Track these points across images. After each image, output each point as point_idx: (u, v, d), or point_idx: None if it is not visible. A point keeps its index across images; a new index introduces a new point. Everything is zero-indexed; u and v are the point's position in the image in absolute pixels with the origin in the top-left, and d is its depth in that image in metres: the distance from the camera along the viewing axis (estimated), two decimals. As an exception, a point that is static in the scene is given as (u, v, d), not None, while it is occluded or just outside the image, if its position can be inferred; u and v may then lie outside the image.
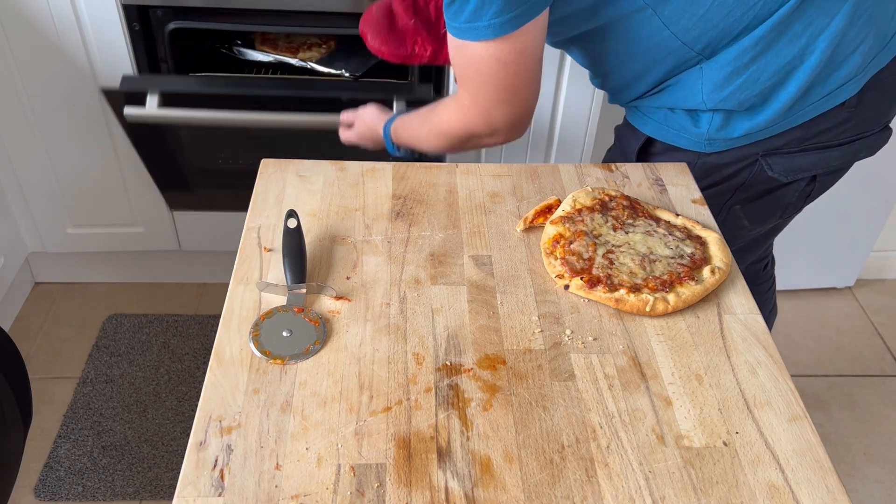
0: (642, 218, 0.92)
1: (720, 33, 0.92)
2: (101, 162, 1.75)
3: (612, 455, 0.68)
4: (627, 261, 0.86)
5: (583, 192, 0.94)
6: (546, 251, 0.88)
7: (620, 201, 0.94)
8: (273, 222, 0.92)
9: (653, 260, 0.86)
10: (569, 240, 0.88)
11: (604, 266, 0.85)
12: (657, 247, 0.88)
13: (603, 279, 0.84)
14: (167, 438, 1.71)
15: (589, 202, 0.93)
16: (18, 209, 1.83)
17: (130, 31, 1.55)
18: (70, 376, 1.83)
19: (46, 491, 1.59)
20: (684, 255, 0.87)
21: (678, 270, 0.85)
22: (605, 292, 0.83)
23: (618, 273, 0.85)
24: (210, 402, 0.71)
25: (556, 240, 0.88)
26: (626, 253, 0.87)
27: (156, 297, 2.05)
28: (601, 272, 0.85)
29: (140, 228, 1.90)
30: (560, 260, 0.86)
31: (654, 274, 0.85)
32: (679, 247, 0.88)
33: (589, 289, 0.83)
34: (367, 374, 0.74)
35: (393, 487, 0.65)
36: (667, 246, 0.88)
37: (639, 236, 0.89)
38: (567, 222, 0.90)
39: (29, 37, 1.54)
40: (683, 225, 0.93)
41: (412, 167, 1.01)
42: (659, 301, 0.82)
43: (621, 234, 0.89)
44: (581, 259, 0.86)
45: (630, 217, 0.92)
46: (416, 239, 0.91)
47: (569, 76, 1.66)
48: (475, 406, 0.72)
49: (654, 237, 0.89)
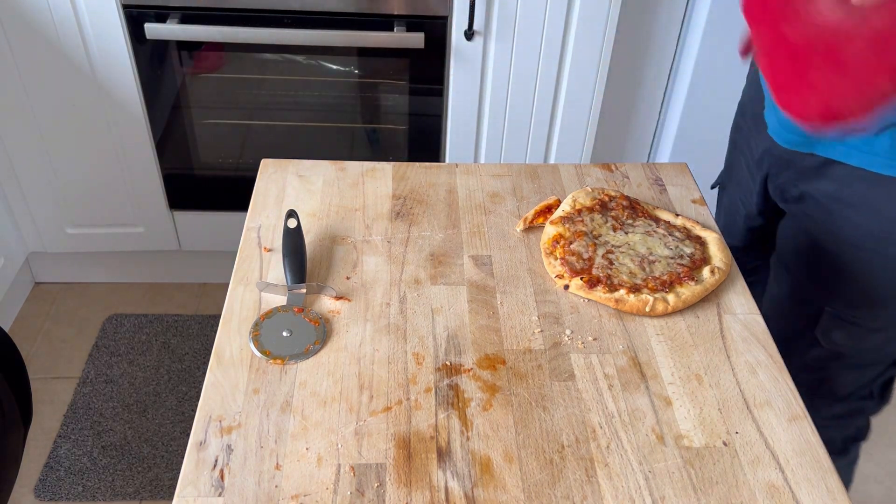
0: (642, 218, 0.92)
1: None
2: (101, 162, 1.75)
3: (611, 455, 0.68)
4: (627, 261, 0.86)
5: (583, 193, 0.94)
6: (546, 251, 0.88)
7: (620, 201, 0.94)
8: (273, 222, 0.92)
9: (652, 260, 0.86)
10: (569, 240, 0.88)
11: (603, 266, 0.85)
12: (657, 247, 0.88)
13: (603, 279, 0.84)
14: (167, 438, 1.71)
15: (589, 202, 0.93)
16: (18, 209, 1.83)
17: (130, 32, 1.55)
18: (70, 376, 1.83)
19: (46, 491, 1.59)
20: (684, 256, 0.87)
21: (678, 270, 0.85)
22: (605, 292, 0.83)
23: (617, 273, 0.85)
24: (210, 402, 0.71)
25: (555, 240, 0.88)
26: (626, 253, 0.87)
27: (156, 297, 2.05)
28: (601, 272, 0.85)
29: (140, 228, 1.90)
30: (560, 260, 0.86)
31: (653, 274, 0.85)
32: (679, 247, 0.88)
33: (589, 289, 0.83)
34: (367, 374, 0.74)
35: (393, 487, 0.65)
36: (666, 246, 0.88)
37: (638, 236, 0.89)
38: (567, 222, 0.90)
39: (29, 37, 1.54)
40: (683, 225, 0.93)
41: (412, 167, 1.01)
42: (659, 301, 0.82)
43: (621, 235, 0.90)
44: (581, 259, 0.86)
45: (630, 217, 0.92)
46: (416, 239, 0.91)
47: (569, 76, 1.66)
48: (475, 406, 0.72)
49: (653, 237, 0.89)
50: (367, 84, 1.78)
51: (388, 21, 1.59)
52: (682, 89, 1.82)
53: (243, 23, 1.56)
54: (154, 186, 1.81)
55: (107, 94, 1.64)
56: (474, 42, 1.60)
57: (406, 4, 1.57)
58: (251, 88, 1.80)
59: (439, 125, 1.77)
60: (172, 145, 1.79)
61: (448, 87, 1.68)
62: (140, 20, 1.55)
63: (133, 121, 1.68)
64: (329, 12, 1.56)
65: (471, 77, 1.65)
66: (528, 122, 1.74)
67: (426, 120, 1.78)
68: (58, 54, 1.56)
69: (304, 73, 1.75)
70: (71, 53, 1.56)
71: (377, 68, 1.74)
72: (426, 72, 1.69)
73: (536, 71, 1.64)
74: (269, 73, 1.78)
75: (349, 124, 1.87)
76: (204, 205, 1.88)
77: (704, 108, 1.81)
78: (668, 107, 1.92)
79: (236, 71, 1.78)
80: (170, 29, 1.56)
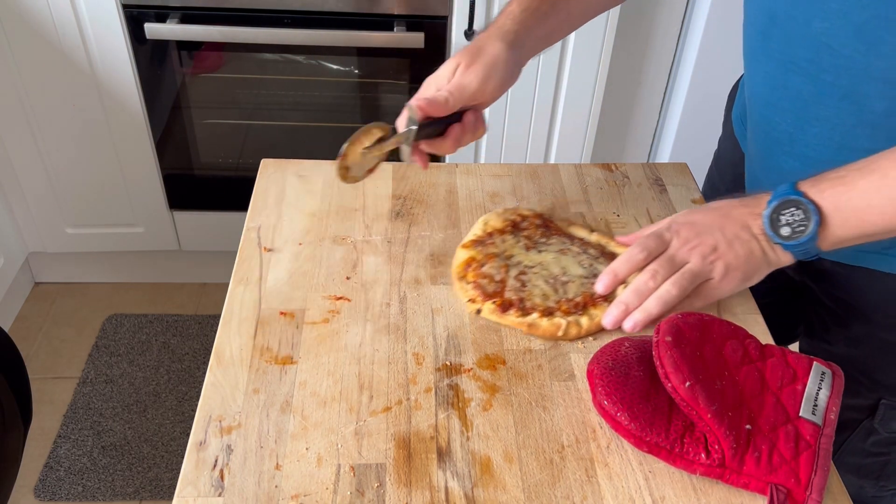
0: (556, 236, 0.88)
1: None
2: (101, 162, 1.75)
3: (611, 455, 0.68)
4: (540, 282, 0.82)
5: (494, 215, 0.91)
6: (457, 276, 0.84)
7: (533, 220, 0.90)
8: (273, 222, 0.92)
9: (565, 281, 0.82)
10: (480, 262, 0.84)
11: (516, 288, 0.81)
12: (570, 266, 0.84)
13: (515, 302, 0.80)
14: (167, 438, 1.71)
15: (500, 224, 0.89)
16: (18, 209, 1.83)
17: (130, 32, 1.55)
18: (70, 376, 1.83)
19: (46, 491, 1.59)
20: (598, 275, 0.82)
21: (592, 291, 0.81)
22: (518, 316, 0.78)
23: (530, 296, 0.80)
24: (210, 402, 0.71)
25: (467, 264, 0.84)
26: (539, 274, 0.83)
27: (156, 297, 2.05)
28: (514, 295, 0.81)
29: (140, 228, 1.90)
30: (472, 284, 0.82)
31: (566, 296, 0.81)
32: (593, 265, 0.84)
33: (501, 313, 0.79)
34: (367, 374, 0.74)
35: (393, 487, 0.65)
36: (580, 265, 0.84)
37: (552, 255, 0.85)
38: (478, 245, 0.86)
39: (29, 37, 1.54)
40: (598, 242, 0.89)
41: (412, 167, 1.01)
42: (572, 325, 0.78)
43: (534, 254, 0.86)
44: (493, 282, 0.82)
45: (543, 236, 0.88)
46: (416, 239, 0.91)
47: (569, 76, 1.66)
48: (475, 406, 0.72)
49: (567, 255, 0.85)
50: (367, 84, 1.79)
51: (388, 21, 1.59)
52: (682, 89, 1.83)
53: (243, 23, 1.57)
54: (154, 186, 1.81)
55: (107, 94, 1.64)
56: (474, 42, 1.60)
57: (406, 4, 1.57)
58: (251, 88, 1.80)
59: (439, 125, 1.77)
60: (172, 145, 1.79)
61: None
62: (140, 20, 1.55)
63: (133, 121, 1.68)
64: (329, 12, 1.56)
65: (471, 77, 1.65)
66: (528, 122, 1.74)
67: (426, 120, 1.78)
68: (58, 54, 1.56)
69: (304, 73, 1.75)
70: (71, 53, 1.56)
71: (377, 68, 1.75)
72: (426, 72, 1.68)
73: (536, 71, 1.64)
74: (269, 73, 1.78)
75: (349, 124, 1.87)
76: (204, 205, 1.89)
77: (704, 108, 1.81)
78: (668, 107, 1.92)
79: (236, 71, 1.79)
80: (170, 29, 1.56)
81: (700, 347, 0.68)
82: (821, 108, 0.77)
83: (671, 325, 0.69)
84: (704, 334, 0.69)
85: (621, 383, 0.68)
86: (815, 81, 0.75)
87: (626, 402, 0.67)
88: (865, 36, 0.69)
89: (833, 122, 0.76)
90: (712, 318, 0.71)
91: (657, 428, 0.66)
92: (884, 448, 0.92)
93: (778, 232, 0.71)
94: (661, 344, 0.68)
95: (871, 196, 0.66)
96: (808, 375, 0.69)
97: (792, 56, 0.77)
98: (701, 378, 0.66)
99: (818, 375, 0.69)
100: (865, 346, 0.88)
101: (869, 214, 0.67)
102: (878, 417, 0.89)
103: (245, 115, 1.85)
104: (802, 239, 0.70)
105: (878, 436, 0.91)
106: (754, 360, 0.69)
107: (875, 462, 0.94)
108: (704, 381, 0.66)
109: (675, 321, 0.69)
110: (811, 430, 0.66)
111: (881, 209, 0.66)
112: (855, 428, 0.91)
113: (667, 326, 0.69)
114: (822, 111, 0.76)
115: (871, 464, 0.94)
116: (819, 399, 0.67)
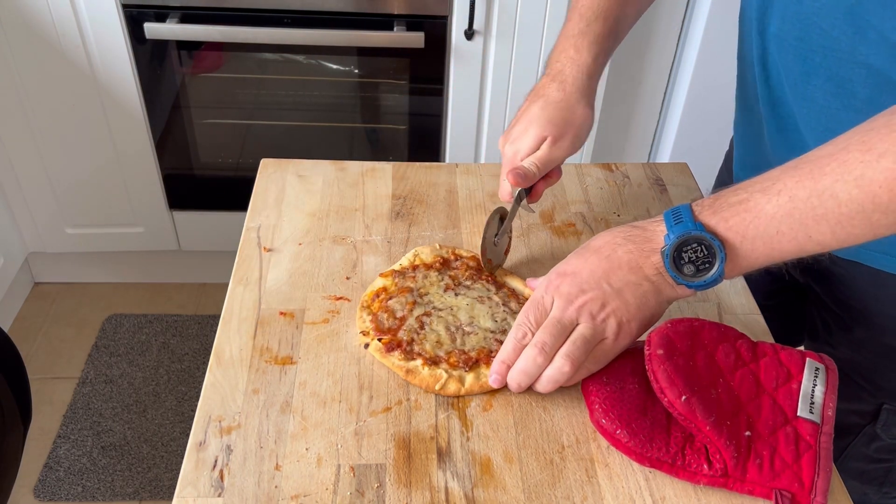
0: (482, 282, 0.83)
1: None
2: (101, 162, 1.75)
3: (612, 455, 0.68)
4: (440, 328, 0.77)
5: (428, 248, 0.87)
6: (363, 304, 0.81)
7: (467, 262, 0.86)
8: (273, 222, 0.92)
9: (468, 332, 0.77)
10: (390, 294, 0.81)
11: (413, 329, 0.76)
12: (481, 317, 0.78)
13: (403, 344, 0.75)
14: (167, 438, 1.71)
15: (430, 259, 0.85)
16: (18, 209, 1.83)
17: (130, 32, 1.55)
18: (70, 376, 1.83)
19: (46, 491, 1.59)
20: (507, 331, 0.75)
21: (492, 347, 0.75)
22: (400, 360, 0.73)
23: (422, 340, 0.75)
24: (210, 403, 0.71)
25: (377, 293, 0.81)
26: (443, 319, 0.78)
27: (155, 297, 2.05)
28: (406, 336, 0.76)
29: (140, 228, 1.90)
30: (371, 316, 0.78)
31: (462, 347, 0.75)
32: (507, 320, 0.78)
33: (385, 352, 0.74)
34: (367, 374, 0.74)
35: (393, 488, 0.65)
36: (493, 318, 0.78)
37: (466, 301, 0.80)
38: (397, 276, 0.83)
39: (28, 37, 1.54)
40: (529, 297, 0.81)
41: (412, 167, 1.01)
42: (452, 381, 0.72)
43: (450, 297, 0.80)
44: (393, 318, 0.78)
45: (469, 279, 0.83)
46: (416, 239, 0.91)
47: (569, 76, 1.66)
48: (475, 406, 0.72)
49: (483, 305, 0.79)
50: (367, 84, 1.78)
51: (388, 21, 1.59)
52: (682, 89, 1.83)
53: (243, 22, 1.56)
54: (154, 186, 1.81)
55: (106, 94, 1.64)
56: (474, 42, 1.60)
57: (406, 4, 1.57)
58: (251, 88, 1.80)
59: (439, 125, 1.77)
60: (172, 145, 1.79)
61: (448, 87, 1.68)
62: (140, 20, 1.55)
63: (132, 121, 1.68)
64: (329, 12, 1.56)
65: (471, 77, 1.65)
66: (528, 122, 1.73)
67: (426, 120, 1.78)
68: (57, 54, 1.56)
69: (304, 72, 1.75)
70: (71, 53, 1.56)
71: (377, 68, 1.75)
72: (426, 71, 1.69)
73: (536, 71, 1.64)
74: (269, 73, 1.78)
75: (349, 124, 1.87)
76: (203, 205, 1.88)
77: (704, 108, 1.81)
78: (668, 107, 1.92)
79: (236, 71, 1.79)
80: (169, 29, 1.56)
81: (692, 356, 0.68)
82: (808, 89, 0.77)
83: (662, 337, 0.68)
84: (695, 341, 0.69)
85: (618, 399, 0.68)
86: (804, 61, 0.75)
87: (625, 419, 0.67)
88: (855, 19, 0.69)
89: (820, 103, 0.76)
90: (702, 323, 0.71)
91: (657, 443, 0.66)
92: (887, 455, 0.92)
93: (681, 271, 0.66)
94: (653, 358, 0.67)
95: (779, 222, 0.62)
96: (803, 373, 0.68)
97: (785, 34, 0.77)
98: (696, 389, 0.65)
99: (812, 372, 0.69)
100: (868, 351, 0.87)
101: (778, 241, 0.62)
102: (881, 423, 0.89)
103: (245, 115, 1.85)
104: (708, 278, 0.65)
105: (881, 442, 0.91)
106: (747, 363, 0.69)
107: (878, 468, 0.93)
108: (700, 392, 0.65)
109: (666, 332, 0.69)
110: (810, 429, 0.65)
111: (792, 235, 0.62)
112: (858, 433, 0.91)
113: (658, 339, 0.68)
114: (811, 91, 0.76)
115: (875, 470, 0.93)
116: (815, 396, 0.67)
